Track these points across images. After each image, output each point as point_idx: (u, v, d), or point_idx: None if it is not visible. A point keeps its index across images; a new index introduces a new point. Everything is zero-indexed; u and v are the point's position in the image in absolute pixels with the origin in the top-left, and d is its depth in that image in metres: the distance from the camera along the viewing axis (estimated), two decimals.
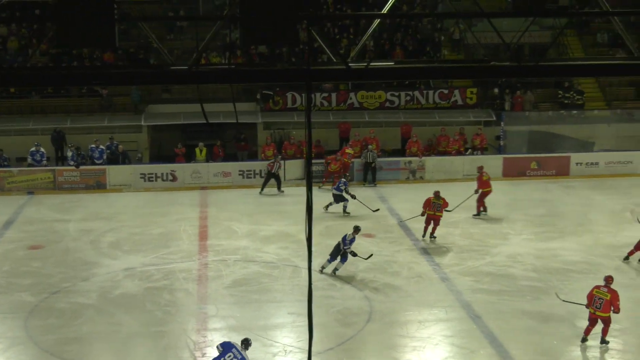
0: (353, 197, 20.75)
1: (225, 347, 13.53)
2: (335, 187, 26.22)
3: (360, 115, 32.72)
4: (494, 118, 33.07)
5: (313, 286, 8.71)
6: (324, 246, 21.80)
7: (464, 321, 17.09)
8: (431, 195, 23.26)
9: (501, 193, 28.53)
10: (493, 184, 26.07)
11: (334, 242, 22.46)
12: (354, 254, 19.90)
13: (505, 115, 33.20)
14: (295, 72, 10.15)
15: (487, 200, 25.75)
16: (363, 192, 28.64)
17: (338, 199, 25.81)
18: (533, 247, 22.50)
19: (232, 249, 22.29)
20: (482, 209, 25.60)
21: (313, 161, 29.36)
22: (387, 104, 32.86)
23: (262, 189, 28.96)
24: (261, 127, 32.56)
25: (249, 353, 13.60)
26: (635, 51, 11.28)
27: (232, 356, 13.34)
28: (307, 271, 8.67)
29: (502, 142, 32.71)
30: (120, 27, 8.47)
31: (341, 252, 19.91)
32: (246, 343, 13.71)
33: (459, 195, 25.20)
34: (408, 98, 32.81)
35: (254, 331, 16.53)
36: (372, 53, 32.37)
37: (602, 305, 15.85)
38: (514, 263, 21.11)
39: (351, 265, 20.67)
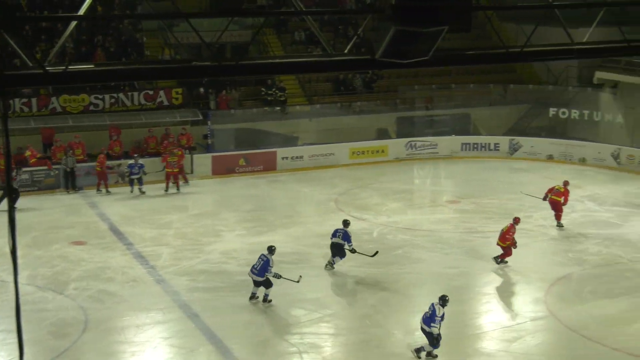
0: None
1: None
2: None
3: (63, 119, 31.58)
4: (201, 117, 33.29)
5: (22, 300, 8.41)
6: (30, 258, 20.96)
7: (182, 321, 17.14)
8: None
9: (211, 191, 28.98)
10: (204, 182, 26.28)
11: (42, 253, 21.75)
12: (354, 251, 20.57)
13: (212, 114, 33.58)
14: None
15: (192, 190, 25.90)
16: (69, 200, 27.82)
17: (131, 182, 28.68)
18: (246, 242, 22.99)
19: None
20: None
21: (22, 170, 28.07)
22: (92, 107, 31.98)
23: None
24: None
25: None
26: (330, 48, 11.87)
27: (260, 260, 17.99)
28: (14, 285, 8.32)
29: (210, 141, 33.06)
30: None
31: (338, 248, 20.73)
32: (270, 249, 18.24)
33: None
34: (113, 100, 32.17)
35: None
36: (71, 56, 31.44)
37: (500, 235, 20.81)
38: (228, 259, 21.48)
39: (62, 275, 20.03)
